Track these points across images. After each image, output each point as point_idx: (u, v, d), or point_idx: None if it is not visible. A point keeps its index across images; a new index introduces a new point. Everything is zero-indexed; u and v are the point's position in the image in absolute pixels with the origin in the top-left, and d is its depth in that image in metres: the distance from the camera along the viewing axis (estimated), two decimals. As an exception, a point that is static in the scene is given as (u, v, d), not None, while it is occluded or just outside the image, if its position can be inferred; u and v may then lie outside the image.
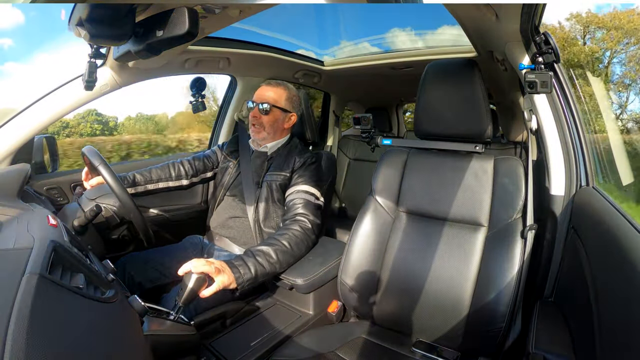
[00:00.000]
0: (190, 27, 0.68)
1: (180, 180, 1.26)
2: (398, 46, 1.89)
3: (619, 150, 1.27)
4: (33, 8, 6.16)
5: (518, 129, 2.27)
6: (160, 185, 1.23)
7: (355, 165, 2.38)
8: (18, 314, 0.37)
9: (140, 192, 1.20)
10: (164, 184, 1.24)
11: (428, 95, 1.05)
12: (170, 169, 1.26)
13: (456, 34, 1.74)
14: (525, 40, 0.90)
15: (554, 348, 0.69)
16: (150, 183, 1.21)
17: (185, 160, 1.30)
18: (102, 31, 0.71)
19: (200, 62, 1.41)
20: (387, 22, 2.00)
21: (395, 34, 1.98)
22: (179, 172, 1.26)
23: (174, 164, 1.27)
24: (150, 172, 1.23)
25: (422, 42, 1.87)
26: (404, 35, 1.95)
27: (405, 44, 1.91)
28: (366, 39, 1.94)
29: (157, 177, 1.23)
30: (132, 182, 1.17)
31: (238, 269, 0.88)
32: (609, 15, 7.87)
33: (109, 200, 0.96)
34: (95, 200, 0.94)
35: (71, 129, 6.35)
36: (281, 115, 1.22)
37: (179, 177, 1.26)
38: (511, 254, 0.89)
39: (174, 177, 1.25)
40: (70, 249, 0.59)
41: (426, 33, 1.85)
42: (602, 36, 8.72)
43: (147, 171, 1.22)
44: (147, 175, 1.21)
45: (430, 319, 0.96)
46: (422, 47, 1.81)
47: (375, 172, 1.12)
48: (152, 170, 1.23)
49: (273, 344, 0.90)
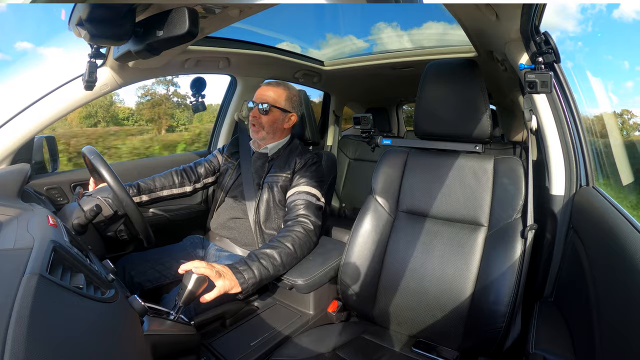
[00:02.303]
0: (190, 27, 0.68)
1: (183, 187, 1.28)
2: (384, 40, 1.90)
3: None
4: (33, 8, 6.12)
5: (518, 129, 2.28)
6: (165, 192, 1.25)
7: (355, 165, 2.38)
8: (18, 314, 0.37)
9: (145, 201, 1.21)
10: (168, 192, 1.25)
11: (428, 95, 1.05)
12: (173, 176, 1.27)
13: (442, 30, 1.78)
14: (525, 40, 0.90)
15: (554, 348, 0.69)
16: (154, 191, 1.22)
17: (187, 167, 1.31)
18: (102, 31, 0.71)
19: (200, 62, 1.41)
20: (373, 16, 2.01)
21: (380, 28, 1.99)
22: (182, 179, 1.28)
23: (177, 171, 1.28)
24: (154, 180, 1.24)
25: (408, 36, 1.88)
26: (390, 30, 1.96)
27: (391, 38, 1.92)
28: (352, 33, 1.95)
29: (161, 185, 1.24)
30: (136, 190, 1.18)
31: (242, 274, 0.88)
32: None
33: (107, 193, 0.95)
34: (93, 195, 0.94)
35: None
36: (281, 115, 1.22)
37: (182, 184, 1.28)
38: (511, 254, 0.89)
39: (177, 184, 1.27)
40: (70, 249, 0.59)
41: (412, 28, 1.87)
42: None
43: (151, 180, 1.24)
44: (151, 184, 1.22)
45: (430, 319, 0.96)
46: (408, 42, 1.84)
47: (375, 172, 1.12)
48: (156, 178, 1.25)
49: (273, 344, 0.90)
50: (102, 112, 6.13)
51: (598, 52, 9.87)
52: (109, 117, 6.26)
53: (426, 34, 1.82)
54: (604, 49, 11.76)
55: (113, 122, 6.25)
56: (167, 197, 1.26)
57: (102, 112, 6.11)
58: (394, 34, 1.93)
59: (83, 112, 5.78)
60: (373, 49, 1.95)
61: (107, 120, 6.22)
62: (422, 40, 1.83)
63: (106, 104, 6.23)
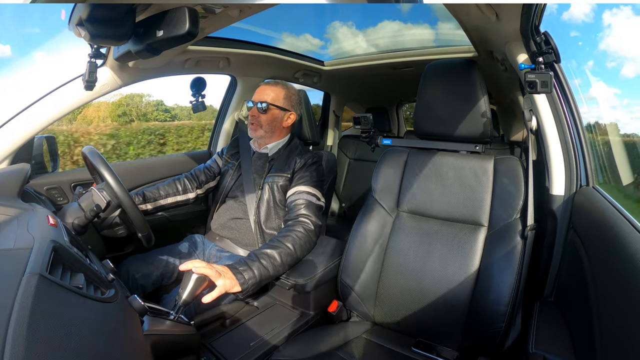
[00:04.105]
0: (190, 27, 0.68)
1: (187, 194, 1.29)
2: (338, 38, 1.93)
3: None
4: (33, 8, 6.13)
5: (518, 129, 2.28)
6: (169, 200, 1.26)
7: (355, 165, 2.38)
8: (18, 314, 0.37)
9: (150, 209, 1.22)
10: (172, 199, 1.26)
11: (428, 95, 1.05)
12: (176, 184, 1.28)
13: (396, 29, 1.83)
14: (525, 40, 0.90)
15: (554, 348, 0.69)
16: (159, 199, 1.23)
17: (189, 174, 1.32)
18: (102, 31, 0.71)
19: (200, 62, 1.41)
20: (329, 16, 2.03)
21: (335, 27, 2.02)
22: (185, 187, 1.29)
23: (180, 179, 1.30)
24: (158, 188, 1.25)
25: (363, 35, 1.92)
26: (345, 29, 2.01)
27: (346, 36, 1.96)
28: (308, 32, 1.97)
29: (165, 193, 1.25)
30: (142, 199, 1.19)
31: (242, 275, 0.88)
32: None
33: (101, 186, 0.95)
34: (92, 190, 0.94)
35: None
36: (279, 113, 1.22)
37: (186, 191, 1.29)
38: (511, 254, 0.89)
39: (180, 191, 1.28)
40: (70, 249, 0.59)
41: (367, 27, 1.92)
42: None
43: (155, 188, 1.25)
44: (156, 192, 1.23)
45: (430, 319, 0.96)
46: (363, 41, 1.88)
47: (376, 172, 1.12)
48: (160, 187, 1.26)
49: (273, 344, 0.90)
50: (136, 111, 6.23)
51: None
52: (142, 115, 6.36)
53: (381, 34, 1.87)
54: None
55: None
56: (172, 205, 1.27)
57: (136, 110, 6.22)
58: (348, 32, 1.98)
59: (118, 110, 5.95)
60: (327, 46, 1.99)
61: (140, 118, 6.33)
62: (377, 40, 1.88)
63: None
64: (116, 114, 5.88)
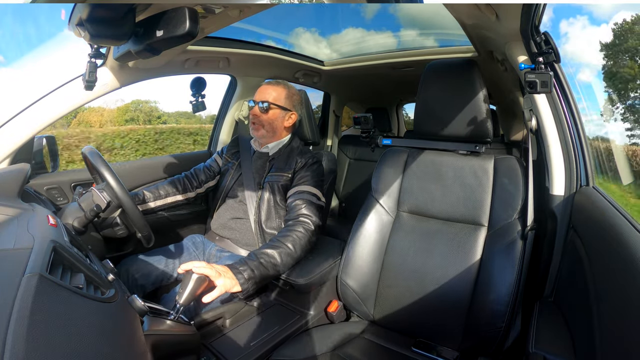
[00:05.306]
0: (190, 27, 0.68)
1: (187, 193, 1.29)
2: (301, 45, 1.93)
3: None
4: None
5: (518, 129, 2.28)
6: (169, 200, 1.25)
7: (355, 165, 2.38)
8: (18, 314, 0.37)
9: (150, 209, 1.22)
10: (173, 199, 1.26)
11: (428, 95, 1.05)
12: (176, 183, 1.28)
13: (359, 36, 1.87)
14: (525, 40, 0.90)
15: (554, 348, 0.69)
16: (159, 199, 1.23)
17: (189, 174, 1.32)
18: (102, 31, 0.71)
19: (200, 62, 1.41)
20: (293, 22, 2.03)
21: (298, 34, 2.03)
22: (185, 186, 1.28)
23: (180, 179, 1.30)
24: (158, 188, 1.25)
25: (327, 42, 1.96)
26: (308, 35, 2.03)
27: (308, 42, 1.97)
28: (271, 38, 1.93)
29: (166, 193, 1.25)
30: (142, 199, 1.19)
31: (242, 274, 0.88)
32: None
33: (101, 186, 0.95)
34: (91, 190, 0.94)
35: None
36: (281, 113, 1.22)
37: (186, 191, 1.29)
38: (511, 254, 0.89)
39: (180, 190, 1.28)
40: (70, 249, 0.59)
41: (330, 35, 1.97)
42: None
43: (155, 188, 1.25)
44: (156, 192, 1.23)
45: (430, 319, 0.96)
46: (325, 48, 1.92)
47: (375, 172, 1.12)
48: (160, 186, 1.26)
49: (273, 344, 0.90)
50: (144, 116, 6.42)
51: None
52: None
53: (345, 40, 1.92)
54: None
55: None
56: (172, 205, 1.27)
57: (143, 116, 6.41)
58: (311, 38, 2.02)
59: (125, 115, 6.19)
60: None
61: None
62: (341, 47, 1.93)
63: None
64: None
